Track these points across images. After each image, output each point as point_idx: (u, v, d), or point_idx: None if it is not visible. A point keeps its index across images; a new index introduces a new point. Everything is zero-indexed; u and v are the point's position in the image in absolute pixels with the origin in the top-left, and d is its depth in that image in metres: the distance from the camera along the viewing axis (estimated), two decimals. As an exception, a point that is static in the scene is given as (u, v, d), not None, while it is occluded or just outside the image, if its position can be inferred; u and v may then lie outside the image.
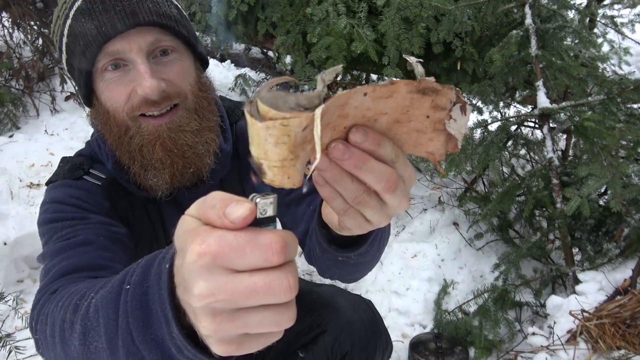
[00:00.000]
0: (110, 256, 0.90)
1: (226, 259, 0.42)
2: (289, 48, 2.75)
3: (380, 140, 0.48)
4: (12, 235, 2.53)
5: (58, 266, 0.85)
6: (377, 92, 0.44)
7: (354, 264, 0.84)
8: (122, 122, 0.95)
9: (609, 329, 1.81)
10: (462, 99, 0.49)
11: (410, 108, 0.47)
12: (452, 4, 2.33)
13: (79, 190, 1.00)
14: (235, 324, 0.43)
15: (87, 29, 0.89)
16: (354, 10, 2.49)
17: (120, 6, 0.88)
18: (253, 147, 0.43)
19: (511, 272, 2.23)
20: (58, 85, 4.14)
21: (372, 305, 1.31)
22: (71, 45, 0.93)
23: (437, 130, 0.50)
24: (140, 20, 0.89)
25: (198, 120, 0.98)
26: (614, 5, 3.10)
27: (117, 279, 0.61)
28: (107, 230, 0.95)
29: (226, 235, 0.42)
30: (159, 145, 0.94)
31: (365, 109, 0.46)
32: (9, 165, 3.17)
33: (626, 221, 2.15)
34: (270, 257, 0.42)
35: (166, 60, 0.95)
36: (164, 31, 0.93)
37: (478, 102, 2.77)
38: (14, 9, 4.00)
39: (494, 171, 2.36)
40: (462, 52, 2.51)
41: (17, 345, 1.79)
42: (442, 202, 3.12)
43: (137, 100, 0.92)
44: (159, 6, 0.93)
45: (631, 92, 2.12)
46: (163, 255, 0.54)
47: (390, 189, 0.50)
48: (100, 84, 0.94)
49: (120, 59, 0.91)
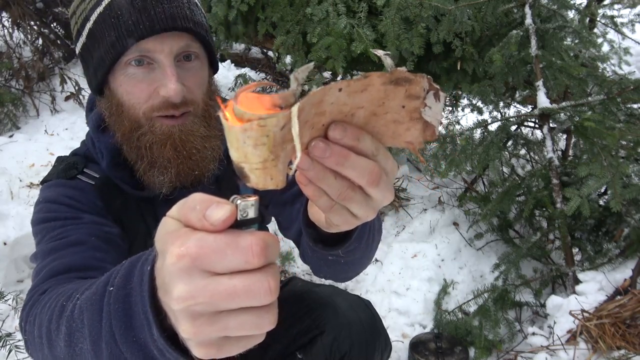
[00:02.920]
0: (101, 256, 0.90)
1: (205, 261, 0.41)
2: (289, 48, 2.75)
3: (359, 135, 0.48)
4: (12, 235, 2.53)
5: (49, 266, 0.86)
6: (352, 86, 0.44)
7: (345, 263, 0.84)
8: (135, 118, 0.96)
9: (609, 329, 1.81)
10: (434, 85, 0.49)
11: (385, 100, 0.48)
12: (452, 4, 2.32)
13: (72, 190, 1.01)
14: (215, 327, 0.43)
15: (122, 21, 0.90)
16: (354, 10, 2.49)
17: (161, 8, 0.91)
18: (232, 152, 0.43)
19: (511, 272, 2.23)
20: (58, 85, 4.14)
21: (370, 305, 1.31)
22: (97, 32, 0.94)
23: (413, 120, 0.51)
24: (177, 25, 0.92)
25: (206, 127, 1.00)
26: (614, 5, 3.10)
27: (102, 281, 0.61)
28: (100, 230, 0.95)
29: (206, 238, 0.42)
30: (170, 145, 0.96)
31: (341, 104, 0.46)
32: (9, 165, 3.17)
33: (626, 221, 2.15)
34: (250, 260, 0.42)
35: (189, 66, 0.97)
36: (194, 38, 0.96)
37: (478, 102, 2.77)
38: (14, 9, 4.00)
39: (494, 171, 2.35)
40: (462, 52, 2.51)
41: (17, 345, 1.79)
42: (442, 202, 3.12)
43: (158, 100, 0.94)
44: (194, 14, 0.96)
45: (631, 92, 2.12)
46: (146, 257, 0.54)
47: (374, 183, 0.50)
48: (120, 77, 0.95)
49: (147, 56, 0.93)
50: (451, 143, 2.40)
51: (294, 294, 1.36)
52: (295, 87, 0.42)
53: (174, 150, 0.97)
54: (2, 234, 2.53)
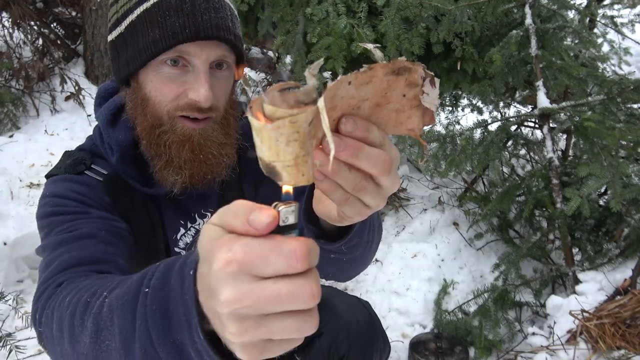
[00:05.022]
0: (112, 250, 0.91)
1: (252, 266, 0.43)
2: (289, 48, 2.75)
3: (368, 126, 0.50)
4: (12, 235, 2.53)
5: (60, 259, 0.86)
6: (359, 79, 0.46)
7: (347, 260, 0.84)
8: (158, 115, 0.97)
9: (609, 329, 1.81)
10: (428, 72, 0.51)
11: (387, 90, 0.50)
12: (452, 4, 2.32)
13: (80, 185, 1.01)
14: (260, 330, 0.44)
15: (169, 22, 0.92)
16: (354, 10, 2.49)
17: (208, 16, 0.94)
18: (264, 151, 0.45)
19: (511, 272, 2.23)
20: (58, 85, 4.14)
21: (369, 306, 1.31)
22: (138, 26, 0.95)
23: (413, 107, 0.53)
24: (220, 35, 0.95)
25: (224, 135, 1.02)
26: (614, 5, 3.10)
27: (134, 281, 0.62)
28: (108, 224, 0.96)
29: (251, 243, 0.43)
30: (188, 147, 0.98)
31: (349, 97, 0.48)
32: (9, 165, 3.17)
33: (626, 221, 2.15)
34: (294, 264, 0.43)
35: (220, 74, 1.00)
36: (230, 49, 0.99)
37: (478, 102, 2.77)
38: (14, 9, 4.00)
39: (494, 171, 2.36)
40: (462, 52, 2.51)
41: (17, 345, 1.79)
42: (442, 202, 3.12)
43: (184, 101, 0.96)
44: (235, 27, 1.00)
45: (631, 92, 2.12)
46: (184, 261, 0.56)
47: (386, 171, 0.52)
48: (152, 72, 0.96)
49: (183, 58, 0.95)
50: (451, 143, 2.40)
51: None
52: (314, 82, 0.44)
53: (192, 153, 0.98)
54: (2, 234, 2.53)
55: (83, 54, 4.64)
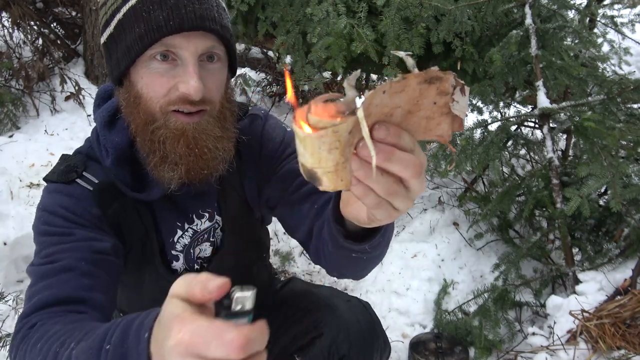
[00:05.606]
0: (90, 284, 0.94)
1: (196, 349, 0.50)
2: (289, 48, 2.75)
3: (400, 133, 0.53)
4: (12, 235, 2.53)
5: (39, 295, 0.91)
6: (393, 88, 0.49)
7: (367, 259, 0.87)
8: (151, 111, 0.97)
9: (609, 329, 1.81)
10: (459, 81, 0.53)
11: (419, 98, 0.52)
12: (452, 4, 2.32)
13: (69, 198, 1.02)
14: None
15: (153, 16, 0.92)
16: (354, 10, 2.49)
17: (192, 7, 0.93)
18: (307, 158, 0.49)
19: (511, 272, 2.23)
20: (58, 85, 4.14)
21: (369, 307, 1.31)
22: (125, 25, 0.95)
23: (443, 114, 0.55)
24: (206, 25, 0.94)
25: (220, 129, 1.01)
26: (614, 5, 3.10)
27: (98, 336, 0.70)
28: (90, 249, 0.98)
29: (199, 328, 0.50)
30: (183, 142, 0.97)
31: (383, 105, 0.50)
32: (9, 165, 3.17)
33: (626, 221, 2.15)
34: (230, 354, 0.49)
35: (211, 67, 0.99)
36: (219, 40, 0.98)
37: (478, 102, 2.77)
38: (14, 9, 4.00)
39: (494, 171, 2.36)
40: (462, 52, 2.51)
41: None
42: (442, 202, 3.12)
43: (175, 95, 0.95)
44: (222, 18, 0.98)
45: (631, 92, 2.12)
46: (141, 322, 0.63)
47: (417, 174, 0.55)
48: (142, 69, 0.96)
49: (172, 52, 0.94)
50: (451, 143, 2.40)
51: (293, 294, 1.36)
52: (353, 93, 0.48)
53: (187, 147, 0.97)
54: (2, 234, 2.53)
55: (83, 54, 4.64)
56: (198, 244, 1.17)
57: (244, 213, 1.21)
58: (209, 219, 1.16)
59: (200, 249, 1.18)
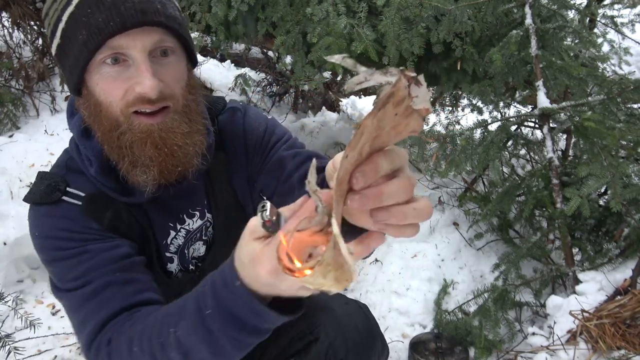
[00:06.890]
0: (133, 290, 0.94)
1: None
2: (289, 48, 2.75)
3: (375, 167, 0.52)
4: (12, 235, 2.53)
5: (94, 318, 0.91)
6: (352, 144, 0.49)
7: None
8: (114, 116, 0.94)
9: (609, 329, 1.81)
10: (409, 75, 0.49)
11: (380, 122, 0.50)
12: (452, 4, 2.32)
13: (63, 221, 0.99)
14: None
15: (92, 20, 0.89)
16: (354, 10, 2.49)
17: (130, 3, 0.89)
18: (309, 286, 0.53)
19: (511, 272, 2.23)
20: (58, 85, 4.14)
21: (367, 309, 1.29)
22: (69, 32, 0.92)
23: (408, 116, 0.53)
24: (148, 19, 0.90)
25: (187, 123, 0.99)
26: (614, 5, 3.09)
27: (190, 309, 0.76)
28: (112, 258, 0.96)
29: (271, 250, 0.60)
30: (150, 143, 0.95)
31: (351, 162, 0.51)
32: (9, 165, 3.16)
33: (626, 221, 2.15)
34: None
35: (165, 61, 0.96)
36: (168, 32, 0.94)
37: (478, 102, 2.77)
38: (14, 9, 3.99)
39: (494, 171, 2.35)
40: (462, 52, 2.51)
41: (16, 346, 1.79)
42: (442, 202, 3.12)
43: (132, 96, 0.92)
44: (165, 8, 0.94)
45: (631, 92, 2.12)
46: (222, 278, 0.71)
47: (411, 192, 0.56)
48: (96, 76, 0.93)
49: (121, 53, 0.91)
50: (451, 143, 2.40)
51: None
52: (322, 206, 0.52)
53: (155, 148, 0.95)
54: (2, 234, 2.53)
55: (83, 54, 4.63)
56: (192, 243, 1.16)
57: (235, 208, 1.18)
58: (200, 217, 1.15)
59: (194, 248, 1.17)
